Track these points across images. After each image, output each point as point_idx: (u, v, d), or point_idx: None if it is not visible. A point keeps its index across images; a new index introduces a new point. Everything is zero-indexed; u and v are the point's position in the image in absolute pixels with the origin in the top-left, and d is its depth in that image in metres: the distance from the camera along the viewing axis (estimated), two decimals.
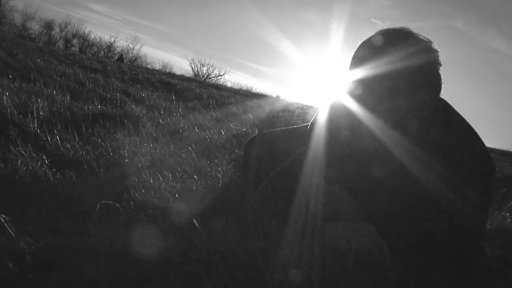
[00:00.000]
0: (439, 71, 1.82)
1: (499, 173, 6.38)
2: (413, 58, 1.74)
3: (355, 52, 1.86)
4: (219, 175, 2.51)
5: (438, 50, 1.82)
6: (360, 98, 1.83)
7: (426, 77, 1.78)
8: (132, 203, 1.77)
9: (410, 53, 1.75)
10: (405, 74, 1.73)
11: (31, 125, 2.53)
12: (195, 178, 2.38)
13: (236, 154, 3.80)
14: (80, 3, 76.60)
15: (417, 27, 1.81)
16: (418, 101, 1.79)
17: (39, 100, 3.37)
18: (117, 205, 1.72)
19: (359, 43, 1.88)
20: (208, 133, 4.68)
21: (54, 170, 1.95)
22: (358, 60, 1.83)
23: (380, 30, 1.85)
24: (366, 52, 1.81)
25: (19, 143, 2.11)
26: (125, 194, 1.85)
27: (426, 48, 1.80)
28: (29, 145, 2.10)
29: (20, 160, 1.91)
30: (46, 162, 2.05)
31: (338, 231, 1.77)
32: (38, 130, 2.48)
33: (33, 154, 2.00)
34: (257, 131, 2.94)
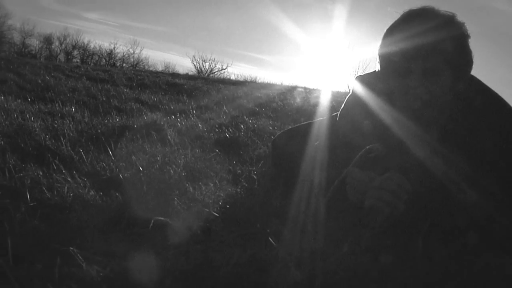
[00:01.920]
0: (468, 49, 1.82)
1: None
2: (439, 32, 1.75)
3: (388, 30, 1.87)
4: (254, 177, 2.55)
5: (463, 22, 1.82)
6: (393, 78, 1.83)
7: (454, 58, 1.78)
8: (182, 219, 1.80)
9: (434, 27, 1.75)
10: (434, 55, 1.74)
11: (64, 148, 2.57)
12: (232, 181, 2.42)
13: (259, 150, 3.83)
14: (75, 13, 76.82)
15: None
16: (446, 81, 1.79)
17: (64, 121, 3.41)
18: (168, 221, 1.75)
19: (388, 26, 1.88)
20: (227, 131, 4.72)
21: (101, 193, 1.98)
22: (389, 37, 1.84)
23: (411, 10, 1.85)
24: (398, 31, 1.82)
25: (62, 169, 2.15)
26: (172, 209, 1.88)
27: (451, 23, 1.80)
28: (74, 171, 2.14)
29: (66, 187, 1.95)
30: (89, 185, 2.09)
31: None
32: (73, 153, 2.52)
33: (79, 179, 2.04)
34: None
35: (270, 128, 5.61)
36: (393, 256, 1.57)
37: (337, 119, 2.30)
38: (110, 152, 2.57)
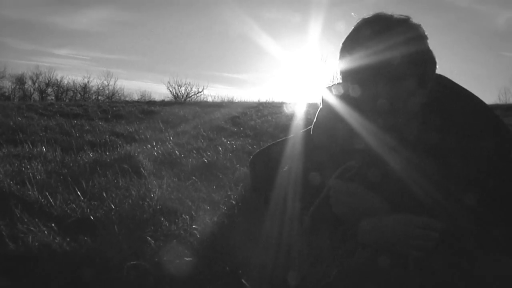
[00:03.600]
0: (430, 50, 1.75)
1: None
2: (396, 38, 1.68)
3: (343, 44, 1.81)
4: (233, 202, 2.44)
5: (419, 23, 1.76)
6: (355, 88, 1.77)
7: (415, 61, 1.71)
8: (156, 258, 1.69)
9: (390, 33, 1.69)
10: (394, 61, 1.67)
11: (31, 193, 2.44)
12: (210, 210, 2.31)
13: (239, 171, 3.73)
14: (45, 51, 76.29)
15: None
16: (411, 85, 1.72)
17: (32, 163, 3.27)
18: (142, 263, 1.63)
19: (346, 36, 1.82)
20: (205, 155, 4.61)
21: (68, 239, 1.86)
22: (346, 51, 1.78)
23: (363, 20, 1.79)
24: (353, 43, 1.76)
25: (25, 217, 2.02)
26: (147, 248, 1.77)
27: (406, 26, 1.74)
28: (36, 219, 2.01)
29: (30, 236, 1.82)
30: (56, 229, 1.97)
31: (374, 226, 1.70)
32: (40, 197, 2.39)
33: (43, 228, 1.91)
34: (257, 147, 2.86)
35: (249, 147, 5.53)
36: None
37: (311, 132, 2.21)
38: (79, 192, 2.43)
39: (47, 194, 2.38)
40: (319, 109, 2.20)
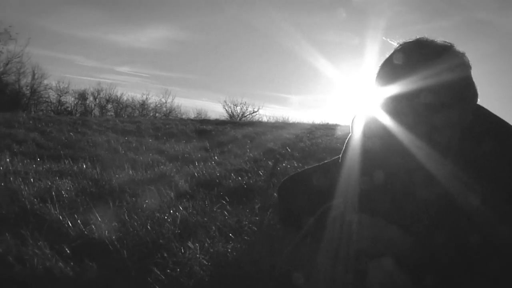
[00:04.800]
0: (472, 80, 1.64)
1: None
2: (446, 74, 1.58)
3: (382, 68, 1.71)
4: (255, 228, 2.33)
5: (463, 52, 1.65)
6: (395, 115, 1.67)
7: (460, 91, 1.60)
8: None
9: (442, 69, 1.59)
10: (438, 90, 1.56)
11: (53, 212, 2.41)
12: (231, 237, 2.21)
13: (275, 196, 3.61)
14: (107, 69, 78.42)
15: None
16: (454, 115, 1.61)
17: (64, 180, 3.27)
18: None
19: (385, 59, 1.72)
20: (246, 177, 4.52)
21: (72, 263, 1.80)
22: (387, 76, 1.68)
23: (402, 45, 1.69)
24: (393, 69, 1.66)
25: (38, 238, 1.98)
26: (154, 277, 1.68)
27: (457, 64, 1.63)
28: (49, 240, 1.97)
29: (36, 260, 1.77)
30: (68, 252, 1.92)
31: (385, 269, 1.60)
32: (60, 217, 2.35)
33: (46, 251, 1.86)
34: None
35: (293, 170, 5.40)
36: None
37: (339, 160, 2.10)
38: (97, 214, 2.38)
39: (64, 214, 2.34)
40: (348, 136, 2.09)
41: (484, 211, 1.56)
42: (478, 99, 1.67)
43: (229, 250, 1.98)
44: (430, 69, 1.60)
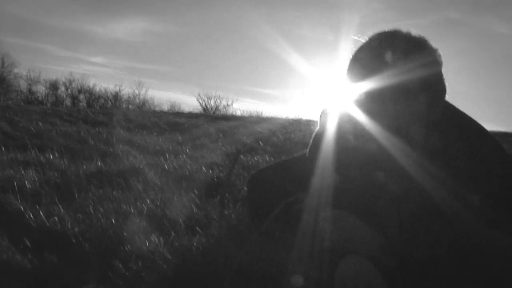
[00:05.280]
0: (442, 75, 1.64)
1: None
2: (418, 70, 1.58)
3: (354, 56, 1.69)
4: (223, 223, 2.30)
5: (436, 48, 1.65)
6: (363, 105, 1.66)
7: (428, 82, 1.60)
8: (120, 282, 1.56)
9: (415, 65, 1.59)
10: (407, 82, 1.57)
11: (14, 202, 2.35)
12: (198, 231, 2.18)
13: (244, 191, 3.58)
14: (80, 58, 77.17)
15: (413, 24, 1.63)
16: (420, 106, 1.61)
17: (29, 170, 3.19)
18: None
19: (356, 50, 1.70)
20: (216, 170, 4.49)
21: (31, 256, 1.74)
22: (359, 66, 1.66)
23: (377, 34, 1.67)
24: (367, 58, 1.65)
25: None
26: (113, 271, 1.64)
27: (424, 48, 1.63)
28: (2, 233, 1.90)
29: None
30: (28, 244, 1.86)
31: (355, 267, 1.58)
32: (22, 207, 2.29)
33: (3, 242, 1.80)
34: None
35: (265, 164, 5.37)
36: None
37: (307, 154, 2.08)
38: (60, 205, 2.32)
39: (26, 205, 2.28)
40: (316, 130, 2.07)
41: (457, 207, 1.56)
42: (447, 96, 1.67)
43: (195, 244, 1.95)
44: (402, 63, 1.59)
